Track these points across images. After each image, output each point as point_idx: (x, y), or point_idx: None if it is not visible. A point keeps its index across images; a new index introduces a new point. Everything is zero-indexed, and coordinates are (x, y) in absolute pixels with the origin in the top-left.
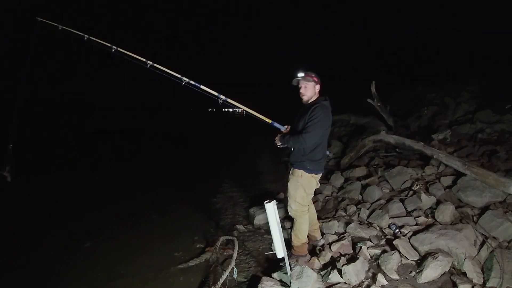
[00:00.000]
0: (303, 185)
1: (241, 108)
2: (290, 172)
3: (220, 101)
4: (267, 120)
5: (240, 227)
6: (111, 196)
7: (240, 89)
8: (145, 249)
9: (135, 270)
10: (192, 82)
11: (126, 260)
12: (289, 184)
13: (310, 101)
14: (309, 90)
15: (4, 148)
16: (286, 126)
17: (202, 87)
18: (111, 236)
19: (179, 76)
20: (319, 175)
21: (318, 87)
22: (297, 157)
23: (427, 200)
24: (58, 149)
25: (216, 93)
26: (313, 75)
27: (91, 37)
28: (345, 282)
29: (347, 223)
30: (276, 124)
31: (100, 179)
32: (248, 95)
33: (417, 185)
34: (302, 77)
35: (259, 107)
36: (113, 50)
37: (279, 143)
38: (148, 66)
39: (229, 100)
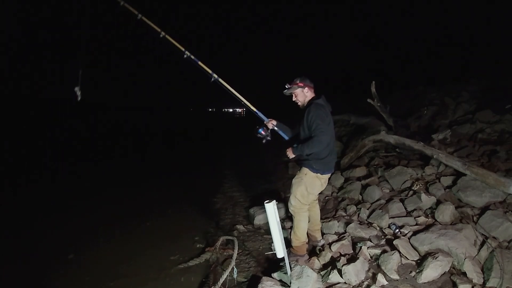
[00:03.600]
0: (305, 183)
1: (232, 91)
2: (298, 169)
3: (212, 79)
4: (252, 107)
5: (240, 227)
6: (110, 197)
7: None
8: (145, 249)
9: (135, 270)
10: (192, 56)
11: (126, 260)
12: (293, 179)
13: (305, 105)
14: (299, 95)
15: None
16: (269, 119)
17: (199, 63)
18: (110, 237)
19: (183, 49)
20: (326, 176)
21: (306, 89)
22: (304, 156)
23: (427, 200)
24: (55, 150)
25: (210, 71)
26: (297, 81)
27: (166, 35)
28: (345, 282)
29: (347, 223)
30: (260, 114)
31: (99, 180)
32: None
33: (417, 185)
34: (288, 89)
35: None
36: (161, 36)
37: (292, 156)
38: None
39: (220, 80)
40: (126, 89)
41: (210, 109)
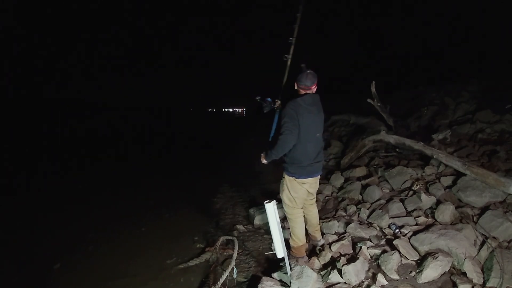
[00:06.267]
0: (287, 186)
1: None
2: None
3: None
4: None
5: (240, 227)
6: (110, 197)
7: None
8: (145, 249)
9: (135, 270)
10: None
11: (126, 260)
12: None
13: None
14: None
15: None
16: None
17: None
18: (111, 236)
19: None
20: (305, 180)
21: (296, 86)
22: (282, 158)
23: (427, 200)
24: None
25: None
26: (296, 79)
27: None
28: (345, 282)
29: (347, 223)
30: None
31: (98, 180)
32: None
33: (417, 185)
34: None
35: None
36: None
37: (264, 161)
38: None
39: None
40: (126, 89)
41: (210, 109)
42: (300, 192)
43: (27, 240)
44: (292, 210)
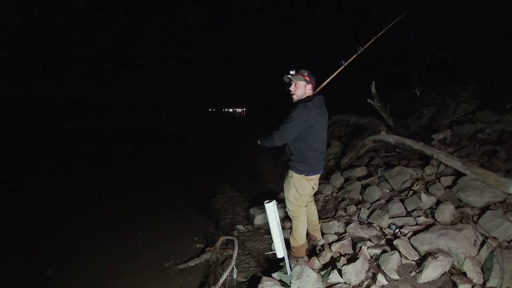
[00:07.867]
0: (294, 185)
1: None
2: (286, 172)
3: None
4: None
5: (240, 227)
6: (107, 198)
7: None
8: (144, 249)
9: (135, 270)
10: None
11: (125, 260)
12: (284, 184)
13: (298, 101)
14: (299, 89)
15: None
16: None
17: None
18: (109, 238)
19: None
20: (312, 177)
21: (309, 86)
22: (288, 157)
23: (427, 200)
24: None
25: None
26: (305, 74)
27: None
28: (345, 282)
29: (347, 223)
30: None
31: (97, 180)
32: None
33: (417, 185)
34: (293, 75)
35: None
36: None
37: (258, 142)
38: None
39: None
40: (126, 89)
41: (210, 109)
42: (307, 189)
43: (18, 245)
44: (297, 209)
